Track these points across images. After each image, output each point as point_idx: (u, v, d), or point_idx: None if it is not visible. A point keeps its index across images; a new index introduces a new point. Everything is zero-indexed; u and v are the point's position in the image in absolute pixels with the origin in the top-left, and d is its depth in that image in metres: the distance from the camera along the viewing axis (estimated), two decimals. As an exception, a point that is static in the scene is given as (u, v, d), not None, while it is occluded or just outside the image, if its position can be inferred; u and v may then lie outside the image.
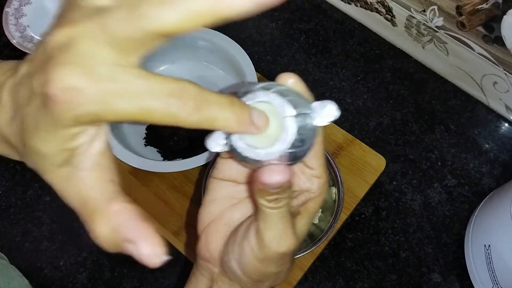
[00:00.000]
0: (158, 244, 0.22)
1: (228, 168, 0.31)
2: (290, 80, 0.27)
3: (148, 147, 0.65)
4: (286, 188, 0.26)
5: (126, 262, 0.60)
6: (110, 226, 0.22)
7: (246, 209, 0.32)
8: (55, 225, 0.63)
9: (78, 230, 0.63)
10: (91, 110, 0.20)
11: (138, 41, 0.19)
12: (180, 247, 0.60)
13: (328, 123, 0.26)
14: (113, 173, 0.23)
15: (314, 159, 0.30)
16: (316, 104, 0.26)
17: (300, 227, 0.30)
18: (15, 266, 0.58)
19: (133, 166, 0.59)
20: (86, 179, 0.22)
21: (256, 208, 0.28)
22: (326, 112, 0.25)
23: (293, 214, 0.29)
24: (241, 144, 0.25)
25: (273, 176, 0.25)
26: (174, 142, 0.65)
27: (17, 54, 0.73)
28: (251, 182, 0.29)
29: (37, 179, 0.74)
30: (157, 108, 0.20)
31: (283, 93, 0.25)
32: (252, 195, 0.29)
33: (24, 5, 0.75)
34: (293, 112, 0.25)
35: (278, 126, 0.25)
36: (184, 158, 0.59)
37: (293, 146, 0.25)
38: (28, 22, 0.74)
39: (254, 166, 0.26)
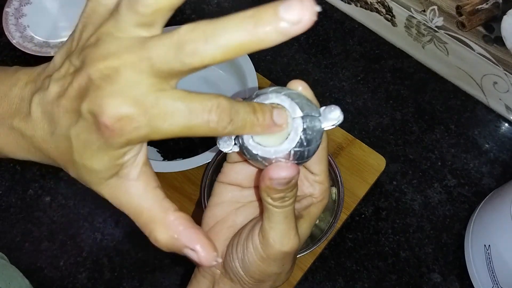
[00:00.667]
0: (212, 248, 0.25)
1: (234, 173, 0.32)
2: (299, 87, 0.28)
3: (148, 147, 0.65)
4: (292, 186, 0.27)
5: (126, 262, 0.60)
6: (169, 234, 0.25)
7: (249, 213, 0.33)
8: (55, 225, 0.63)
9: (78, 230, 0.63)
10: (141, 134, 0.22)
11: (180, 72, 0.22)
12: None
13: (333, 127, 0.27)
14: (156, 180, 0.26)
15: (318, 164, 0.31)
16: (323, 108, 0.27)
17: (302, 230, 0.31)
18: (15, 266, 0.58)
19: (133, 166, 0.59)
20: (134, 188, 0.25)
21: (262, 208, 0.29)
22: (332, 116, 0.27)
23: (296, 217, 0.30)
24: (251, 142, 0.27)
25: (281, 171, 0.26)
26: (174, 142, 0.65)
27: (17, 54, 0.73)
28: (258, 184, 0.30)
29: (37, 179, 0.74)
30: (199, 124, 0.22)
31: (293, 96, 0.27)
32: (259, 195, 0.30)
33: (24, 5, 0.75)
34: (301, 113, 0.26)
35: (287, 126, 0.26)
36: (184, 158, 0.59)
37: (300, 145, 0.26)
38: (28, 22, 0.74)
39: (262, 165, 0.27)
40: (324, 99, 0.70)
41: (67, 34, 0.74)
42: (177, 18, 0.76)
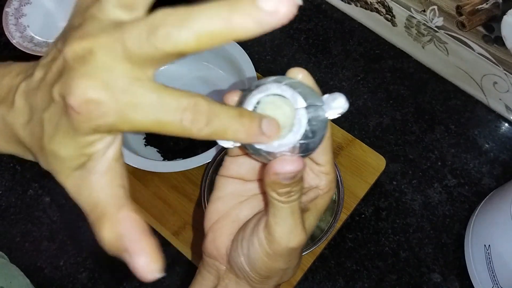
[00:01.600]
0: (154, 259, 0.23)
1: (235, 166, 0.32)
2: (299, 75, 0.27)
3: (148, 147, 0.65)
4: (298, 181, 0.26)
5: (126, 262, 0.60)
6: (115, 232, 0.23)
7: (253, 206, 0.32)
8: (55, 225, 0.63)
9: (78, 230, 0.63)
10: (109, 121, 0.21)
11: (154, 57, 0.20)
12: (180, 247, 0.60)
13: (338, 115, 0.26)
14: (124, 179, 0.24)
15: (323, 155, 0.30)
16: (326, 97, 0.26)
17: (309, 223, 0.31)
18: (15, 266, 0.58)
19: (133, 166, 0.59)
20: (98, 183, 0.23)
21: (267, 203, 0.28)
22: (336, 104, 0.26)
23: (302, 210, 0.29)
24: None
25: (286, 165, 0.25)
26: (174, 142, 0.65)
27: (17, 54, 0.73)
28: (263, 178, 0.29)
29: (37, 179, 0.74)
30: (171, 121, 0.21)
31: (294, 86, 0.26)
32: (264, 189, 0.29)
33: (24, 5, 0.75)
34: (305, 103, 0.25)
35: (290, 118, 0.25)
36: (184, 158, 0.59)
37: (305, 137, 0.25)
38: (28, 22, 0.74)
39: (266, 159, 0.26)
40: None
41: (67, 34, 0.74)
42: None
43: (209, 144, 0.64)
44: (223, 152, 0.56)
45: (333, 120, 0.26)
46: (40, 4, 0.76)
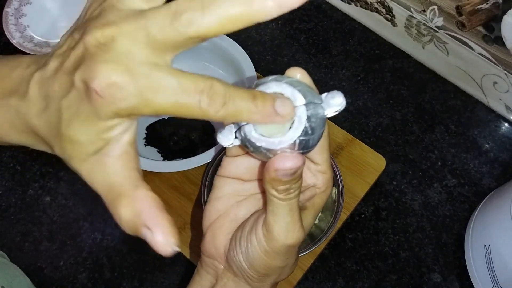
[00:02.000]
0: (172, 234, 0.24)
1: (234, 166, 0.32)
2: (298, 74, 0.28)
3: (148, 147, 0.65)
4: (297, 178, 0.27)
5: (126, 262, 0.60)
6: (132, 210, 0.24)
7: (251, 206, 0.32)
8: (55, 225, 0.63)
9: (78, 230, 0.63)
10: (130, 105, 0.22)
11: (176, 42, 0.21)
12: (180, 247, 0.60)
13: (336, 113, 0.27)
14: (137, 162, 0.25)
15: (320, 153, 0.30)
16: (325, 95, 0.27)
17: (307, 222, 0.31)
18: (15, 265, 0.58)
19: (133, 166, 0.59)
20: (113, 166, 0.24)
21: (265, 201, 0.29)
22: (335, 102, 0.26)
23: (300, 209, 0.30)
24: (254, 134, 0.26)
25: (287, 162, 0.26)
26: (174, 142, 0.65)
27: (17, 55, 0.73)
28: (262, 176, 0.30)
29: (37, 179, 0.74)
30: (190, 103, 0.22)
31: (294, 84, 0.26)
32: (262, 187, 0.30)
33: (24, 5, 0.75)
34: (304, 101, 0.26)
35: None
36: (184, 158, 0.59)
37: (304, 134, 0.26)
38: (28, 22, 0.74)
39: (266, 157, 0.27)
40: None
41: (67, 34, 0.74)
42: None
43: (209, 144, 0.64)
44: (223, 152, 0.56)
45: (334, 120, 0.27)
46: (40, 4, 0.76)
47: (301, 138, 0.26)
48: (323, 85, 0.71)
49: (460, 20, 0.60)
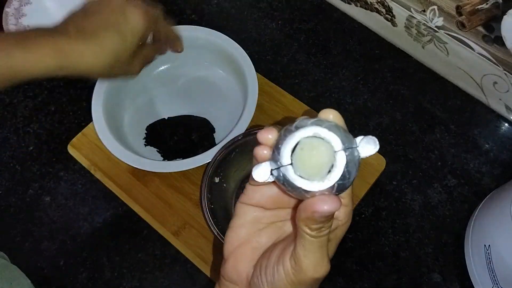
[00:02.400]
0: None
1: (257, 195, 0.33)
2: (330, 115, 0.29)
3: (148, 147, 0.65)
4: (331, 218, 0.28)
5: (126, 262, 0.60)
6: None
7: (272, 234, 0.33)
8: (55, 225, 0.63)
9: (78, 230, 0.63)
10: None
11: None
12: (180, 247, 0.60)
13: (369, 156, 0.28)
14: None
15: None
16: (360, 139, 0.29)
17: (329, 253, 0.32)
18: (15, 266, 0.58)
19: (133, 166, 0.59)
20: None
21: (296, 234, 0.30)
22: (370, 147, 0.28)
23: None
24: (293, 175, 0.27)
25: (326, 205, 0.27)
26: (174, 142, 0.65)
27: (17, 54, 0.73)
28: (296, 211, 0.31)
29: (37, 179, 0.74)
30: None
31: (333, 130, 0.28)
32: (295, 222, 0.31)
33: (24, 5, 0.75)
34: (342, 146, 0.27)
35: (329, 159, 0.27)
36: (184, 158, 0.59)
37: (342, 178, 0.27)
38: (28, 22, 0.74)
39: (302, 196, 0.28)
40: (324, 99, 0.70)
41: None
42: (178, 18, 0.76)
43: (209, 144, 0.64)
44: (223, 152, 0.57)
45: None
46: (40, 4, 0.76)
47: (339, 182, 0.27)
48: (323, 85, 0.71)
49: (460, 20, 0.60)
